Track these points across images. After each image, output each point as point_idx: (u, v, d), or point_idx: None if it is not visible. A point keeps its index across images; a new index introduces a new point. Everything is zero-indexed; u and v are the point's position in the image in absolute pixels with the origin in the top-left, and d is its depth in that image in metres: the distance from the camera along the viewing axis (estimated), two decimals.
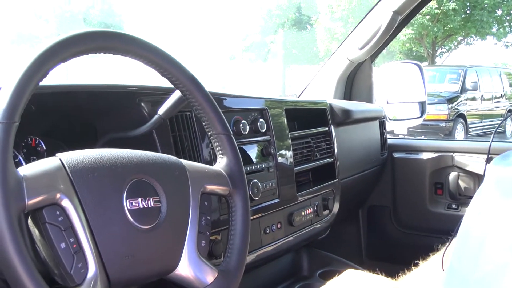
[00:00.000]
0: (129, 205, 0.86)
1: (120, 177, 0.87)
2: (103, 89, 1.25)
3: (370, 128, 2.42)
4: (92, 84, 1.26)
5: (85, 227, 0.81)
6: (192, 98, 1.03)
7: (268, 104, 1.64)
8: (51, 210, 0.80)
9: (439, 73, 12.62)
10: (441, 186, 2.43)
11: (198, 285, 0.96)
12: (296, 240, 1.70)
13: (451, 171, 2.39)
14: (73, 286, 0.81)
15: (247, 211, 1.05)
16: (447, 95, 11.56)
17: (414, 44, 20.41)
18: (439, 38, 20.26)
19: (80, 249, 0.81)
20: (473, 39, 21.04)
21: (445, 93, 11.64)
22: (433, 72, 12.40)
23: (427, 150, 2.47)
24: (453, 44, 21.59)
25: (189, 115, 1.31)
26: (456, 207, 2.38)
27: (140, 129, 1.19)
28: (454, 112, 11.41)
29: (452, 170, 2.39)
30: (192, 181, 0.97)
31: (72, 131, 1.29)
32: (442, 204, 2.43)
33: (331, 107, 2.07)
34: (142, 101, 1.23)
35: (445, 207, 2.42)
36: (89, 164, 0.85)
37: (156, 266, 0.91)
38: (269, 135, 1.61)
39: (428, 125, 10.52)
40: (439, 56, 21.80)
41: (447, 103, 11.27)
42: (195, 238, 0.95)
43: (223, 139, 1.05)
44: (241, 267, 1.02)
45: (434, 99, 10.85)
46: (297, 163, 1.77)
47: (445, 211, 2.41)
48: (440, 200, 2.44)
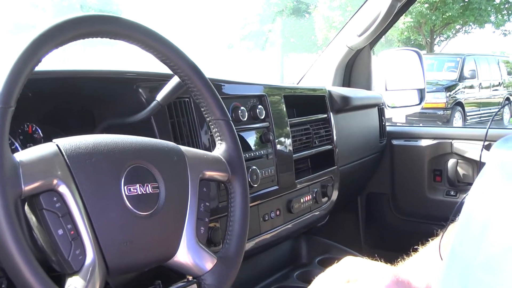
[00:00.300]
0: (127, 191, 0.85)
1: (118, 163, 0.86)
2: (101, 75, 1.24)
3: (369, 115, 2.41)
4: (89, 70, 1.25)
5: (82, 213, 0.80)
6: (190, 84, 1.02)
7: (267, 91, 1.63)
8: (48, 196, 0.79)
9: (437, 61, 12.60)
10: (440, 173, 2.43)
11: (197, 272, 0.95)
12: (295, 227, 1.70)
13: (450, 158, 2.39)
14: (71, 273, 0.80)
15: (246, 198, 1.04)
16: (445, 83, 11.55)
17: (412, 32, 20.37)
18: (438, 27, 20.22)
19: (78, 235, 0.80)
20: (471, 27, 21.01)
21: (443, 81, 11.63)
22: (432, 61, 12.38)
23: (426, 137, 2.47)
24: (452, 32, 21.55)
25: (187, 101, 1.30)
26: (455, 194, 2.38)
27: (138, 116, 1.17)
28: (452, 100, 11.41)
29: (450, 157, 2.39)
30: (190, 167, 0.96)
31: (69, 118, 1.27)
32: (441, 191, 2.43)
33: (330, 94, 2.06)
34: (140, 87, 1.22)
35: (444, 194, 2.42)
36: (87, 150, 0.84)
37: (154, 253, 0.90)
38: (268, 122, 1.59)
39: (426, 113, 10.52)
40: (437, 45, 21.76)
41: (445, 91, 11.27)
42: (194, 224, 0.94)
43: (222, 125, 1.04)
44: (240, 254, 1.01)
45: (432, 87, 10.84)
46: (296, 150, 1.76)
47: (444, 198, 2.41)
48: (439, 187, 2.44)
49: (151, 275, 1.12)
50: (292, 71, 19.73)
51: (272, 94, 1.65)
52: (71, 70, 1.22)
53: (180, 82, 1.07)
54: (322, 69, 2.59)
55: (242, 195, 1.03)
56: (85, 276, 0.79)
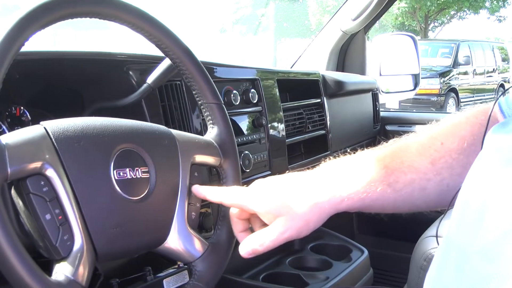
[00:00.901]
0: (117, 176, 0.84)
1: (107, 147, 0.85)
2: (90, 56, 1.22)
3: (363, 100, 2.41)
4: (79, 51, 1.23)
5: (70, 198, 0.79)
6: (182, 67, 1.00)
7: (260, 75, 1.62)
8: (35, 180, 0.77)
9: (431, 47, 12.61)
10: None
11: (188, 258, 0.94)
12: None
13: None
14: (58, 259, 0.78)
15: (239, 182, 1.03)
16: (439, 69, 11.56)
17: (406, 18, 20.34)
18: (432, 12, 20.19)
19: (66, 220, 0.78)
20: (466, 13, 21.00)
21: (437, 67, 11.65)
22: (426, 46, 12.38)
23: (420, 122, 2.46)
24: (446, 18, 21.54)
25: (179, 84, 1.28)
26: None
27: (128, 98, 1.16)
28: (446, 86, 11.43)
29: None
30: (182, 151, 0.94)
31: (58, 100, 1.26)
32: None
33: (324, 78, 2.05)
34: (130, 69, 1.20)
35: None
36: (75, 133, 0.83)
37: (145, 239, 0.89)
38: (260, 106, 1.58)
39: (420, 99, 10.53)
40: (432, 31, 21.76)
41: (439, 77, 11.28)
42: (184, 210, 0.93)
43: (213, 108, 1.02)
44: (232, 239, 1.00)
45: (426, 73, 10.85)
46: (289, 135, 1.75)
47: None
48: None
49: (141, 261, 1.12)
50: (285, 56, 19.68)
51: (265, 78, 1.64)
52: (59, 51, 1.20)
53: (172, 65, 1.05)
54: (315, 53, 2.57)
55: (234, 179, 1.02)
56: (73, 262, 0.78)
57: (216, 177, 1.27)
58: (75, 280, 0.77)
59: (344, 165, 0.90)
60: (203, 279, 0.95)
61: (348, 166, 0.89)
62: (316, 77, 2.00)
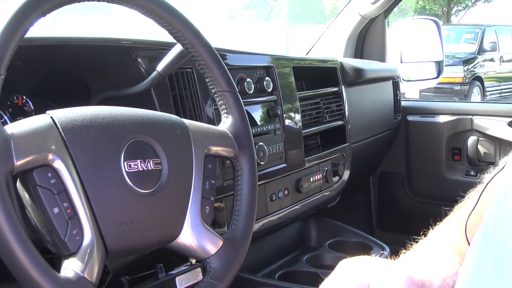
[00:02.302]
0: (127, 168, 0.85)
1: (118, 137, 0.85)
2: (96, 42, 1.22)
3: (383, 89, 2.40)
4: (84, 37, 1.24)
5: (79, 190, 0.80)
6: (194, 53, 1.00)
7: (274, 62, 1.62)
8: (42, 172, 0.78)
9: (454, 32, 12.50)
10: (459, 152, 2.42)
11: (201, 254, 0.95)
12: (304, 208, 1.70)
13: (470, 135, 2.37)
14: (67, 255, 0.79)
15: (254, 175, 1.03)
16: (463, 56, 11.47)
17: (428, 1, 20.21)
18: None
19: (75, 214, 0.79)
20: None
21: (461, 54, 11.55)
22: (448, 32, 12.28)
23: (444, 112, 2.45)
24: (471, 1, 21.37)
25: (190, 72, 1.28)
26: (475, 174, 2.37)
27: (136, 87, 1.16)
28: (470, 74, 11.34)
29: (471, 134, 2.37)
30: (195, 142, 0.95)
31: (62, 89, 1.26)
32: (460, 171, 2.42)
33: (342, 66, 2.05)
34: (138, 56, 1.21)
35: (463, 174, 2.41)
36: (83, 123, 0.83)
37: (156, 234, 0.90)
38: (275, 95, 1.58)
39: (442, 88, 10.47)
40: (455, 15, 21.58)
41: (463, 65, 11.20)
42: (198, 203, 0.93)
43: (228, 97, 1.03)
44: (248, 235, 1.01)
45: (449, 61, 10.77)
46: (306, 126, 1.75)
47: (463, 178, 2.40)
48: (458, 166, 2.43)
49: (152, 257, 1.12)
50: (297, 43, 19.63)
51: (280, 65, 1.64)
52: (64, 37, 1.20)
53: (183, 51, 1.06)
54: (332, 40, 2.56)
55: (250, 172, 1.03)
56: (82, 258, 0.79)
57: (229, 169, 1.28)
58: (84, 276, 0.78)
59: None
60: (218, 277, 0.95)
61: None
62: (334, 65, 1.99)
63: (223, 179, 1.33)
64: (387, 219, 2.65)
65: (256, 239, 1.44)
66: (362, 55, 2.61)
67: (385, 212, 2.66)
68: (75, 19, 9.74)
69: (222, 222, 1.28)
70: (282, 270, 1.58)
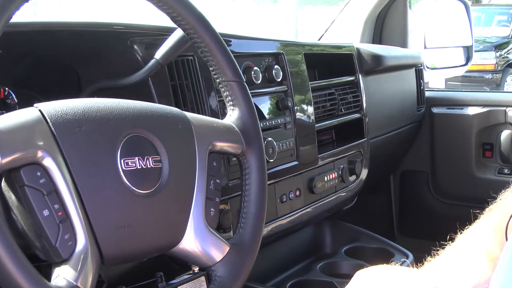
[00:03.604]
0: (124, 165, 0.85)
1: (113, 132, 0.86)
2: (87, 27, 1.23)
3: (404, 77, 2.40)
4: (73, 22, 1.24)
5: (72, 191, 0.80)
6: (197, 39, 1.01)
7: (284, 48, 1.62)
8: (30, 170, 0.78)
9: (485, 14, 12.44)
10: (491, 147, 2.42)
11: (206, 261, 0.95)
12: (317, 211, 1.71)
13: (503, 129, 2.37)
14: (58, 262, 0.80)
15: (264, 173, 1.04)
16: (495, 41, 11.42)
17: None
18: None
19: (67, 217, 0.80)
20: None
21: (493, 39, 11.50)
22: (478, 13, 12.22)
23: (473, 104, 2.45)
24: None
25: (191, 60, 1.29)
26: (509, 172, 2.37)
27: (132, 77, 1.17)
28: (503, 61, 11.29)
29: (504, 127, 2.37)
30: (198, 137, 0.96)
31: (49, 80, 1.27)
32: (492, 169, 2.42)
33: (359, 52, 2.05)
34: (134, 42, 1.21)
35: (495, 172, 2.41)
36: (75, 116, 0.84)
37: (156, 239, 0.90)
38: (285, 85, 1.59)
39: (471, 76, 10.43)
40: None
41: (494, 51, 11.15)
42: (202, 205, 0.94)
43: (234, 87, 1.03)
44: (257, 240, 1.02)
45: (479, 46, 10.73)
46: (319, 119, 1.76)
47: (495, 177, 2.40)
48: (489, 163, 2.43)
49: (151, 265, 1.13)
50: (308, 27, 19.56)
51: (291, 52, 1.64)
52: (50, 22, 1.21)
53: (184, 37, 1.06)
54: (347, 23, 2.57)
55: (258, 170, 1.03)
56: (75, 265, 0.80)
57: (235, 168, 1.29)
58: (77, 286, 0.79)
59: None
60: (224, 286, 0.96)
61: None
62: (350, 51, 2.00)
63: (228, 179, 1.34)
64: (410, 223, 2.65)
65: (265, 245, 1.45)
66: (381, 40, 2.62)
67: (408, 215, 2.66)
68: (58, 2, 9.72)
69: (227, 226, 1.29)
70: (294, 279, 1.59)
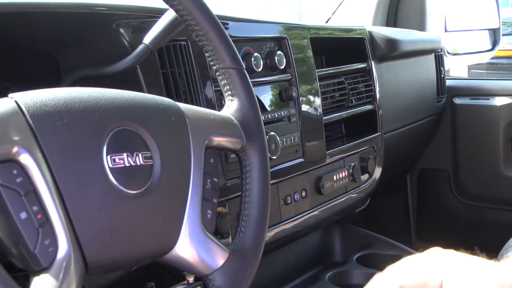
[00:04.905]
0: (111, 163, 0.86)
1: (99, 125, 0.86)
2: (66, 8, 1.23)
3: (423, 64, 2.40)
4: (50, 2, 1.24)
5: (52, 191, 0.80)
6: (191, 21, 1.01)
7: (287, 32, 1.62)
8: (5, 168, 0.78)
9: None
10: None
11: (202, 270, 0.96)
12: (326, 214, 1.71)
13: None
14: (37, 271, 0.80)
15: (266, 171, 1.04)
16: None
17: None
18: None
19: (47, 220, 0.80)
20: None
21: None
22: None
23: (501, 93, 2.45)
24: None
25: (184, 45, 1.29)
26: None
27: (118, 64, 1.17)
28: None
29: None
30: (193, 131, 0.96)
31: (24, 68, 1.28)
32: None
33: (371, 36, 2.05)
34: (120, 26, 1.22)
35: None
36: (56, 108, 0.84)
37: (147, 245, 0.91)
38: (289, 73, 1.59)
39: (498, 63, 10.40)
40: None
41: None
42: (198, 207, 0.94)
43: (233, 75, 1.04)
44: (259, 245, 1.02)
45: (507, 29, 10.71)
46: (327, 111, 1.77)
47: None
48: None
49: (141, 274, 1.14)
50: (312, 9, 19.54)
51: (295, 36, 1.65)
52: (25, 2, 1.20)
53: (176, 19, 1.07)
54: (358, 4, 2.57)
55: (260, 168, 1.04)
56: (56, 274, 0.80)
57: (235, 165, 1.29)
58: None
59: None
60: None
61: None
62: (361, 35, 2.00)
63: (226, 178, 1.34)
64: (429, 227, 2.66)
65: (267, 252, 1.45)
66: (396, 22, 2.62)
67: (427, 219, 2.66)
68: None
69: (225, 230, 1.29)
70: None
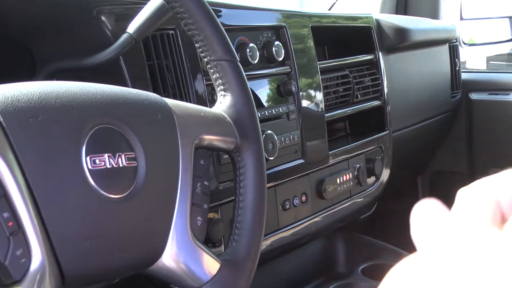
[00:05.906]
0: (91, 164, 0.85)
1: (77, 123, 0.86)
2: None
3: (436, 56, 2.40)
4: None
5: (25, 195, 0.80)
6: (180, 8, 1.01)
7: (286, 20, 1.62)
8: None
9: None
10: None
11: (191, 282, 0.96)
12: (328, 220, 1.71)
13: None
14: (8, 284, 0.80)
15: (262, 174, 1.04)
16: None
17: None
18: None
19: (19, 228, 0.80)
20: None
21: None
22: None
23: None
24: None
25: (172, 35, 1.29)
26: None
27: (100, 56, 1.17)
28: None
29: None
30: (181, 129, 0.96)
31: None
32: None
33: (379, 25, 2.06)
34: (102, 13, 1.21)
35: None
36: (30, 104, 0.84)
37: (130, 255, 0.91)
38: (288, 66, 1.60)
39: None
40: None
41: None
42: (187, 213, 0.94)
43: (226, 68, 1.04)
44: (254, 255, 1.02)
45: None
46: (330, 108, 1.77)
47: None
48: None
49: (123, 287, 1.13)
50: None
51: (295, 24, 1.65)
52: None
53: (163, 5, 1.06)
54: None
55: (256, 170, 1.04)
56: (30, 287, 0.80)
57: (227, 167, 1.29)
58: None
59: None
60: None
61: None
62: (368, 23, 2.00)
63: (218, 181, 1.34)
64: None
65: (263, 262, 1.45)
66: (406, 9, 2.62)
67: None
68: None
69: (217, 239, 1.29)
70: None
